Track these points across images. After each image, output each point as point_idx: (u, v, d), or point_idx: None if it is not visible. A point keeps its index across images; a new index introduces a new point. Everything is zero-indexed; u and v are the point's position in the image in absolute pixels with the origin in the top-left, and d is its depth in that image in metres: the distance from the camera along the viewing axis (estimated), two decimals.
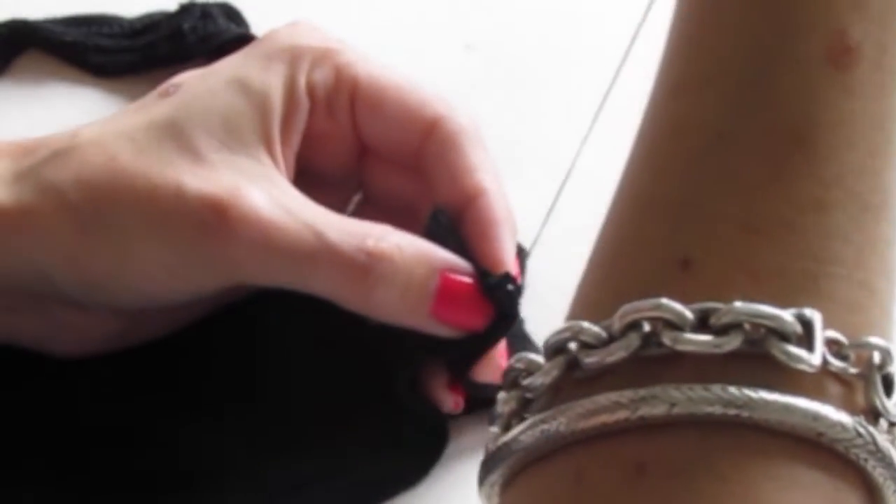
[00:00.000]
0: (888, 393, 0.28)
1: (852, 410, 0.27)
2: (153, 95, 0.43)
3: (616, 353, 0.28)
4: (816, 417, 0.26)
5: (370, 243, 0.40)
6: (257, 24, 0.56)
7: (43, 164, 0.41)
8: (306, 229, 0.40)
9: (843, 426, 0.27)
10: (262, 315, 0.45)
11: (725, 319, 0.27)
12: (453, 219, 0.42)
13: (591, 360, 0.28)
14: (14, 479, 0.43)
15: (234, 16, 0.56)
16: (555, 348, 0.29)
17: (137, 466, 0.43)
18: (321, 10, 0.57)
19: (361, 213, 0.45)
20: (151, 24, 0.56)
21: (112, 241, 0.41)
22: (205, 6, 0.55)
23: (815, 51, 0.28)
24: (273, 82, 0.42)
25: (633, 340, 0.27)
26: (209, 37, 0.54)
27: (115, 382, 0.44)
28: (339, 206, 0.44)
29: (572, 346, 0.28)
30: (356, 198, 0.46)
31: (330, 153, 0.44)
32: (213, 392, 0.44)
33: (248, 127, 0.41)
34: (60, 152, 0.41)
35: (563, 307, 0.47)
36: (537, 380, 0.29)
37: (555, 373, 0.29)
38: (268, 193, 0.40)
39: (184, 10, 0.55)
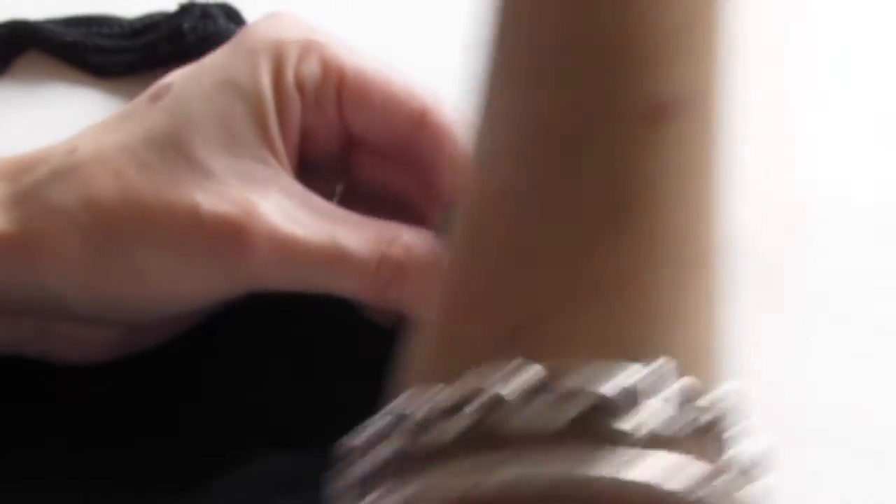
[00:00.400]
0: (730, 445, 0.27)
1: (694, 468, 0.26)
2: (144, 99, 0.43)
3: (447, 431, 0.26)
4: (650, 488, 0.25)
5: (384, 247, 0.41)
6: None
7: (44, 184, 0.41)
8: (321, 239, 0.40)
9: (678, 493, 0.25)
10: (265, 313, 0.45)
11: (556, 391, 0.26)
12: None
13: (422, 437, 0.27)
14: (14, 483, 0.43)
15: (233, 16, 0.56)
16: (388, 423, 0.28)
17: (137, 467, 0.43)
18: (320, 9, 0.57)
19: (347, 202, 0.45)
20: (151, 24, 0.56)
21: (127, 262, 0.41)
22: (205, 6, 0.55)
23: (631, 108, 0.28)
24: (262, 80, 0.42)
25: (463, 419, 0.26)
26: (209, 37, 0.54)
27: (115, 388, 0.44)
28: (324, 195, 0.44)
29: (406, 418, 0.27)
30: (339, 188, 0.46)
31: (317, 145, 0.44)
32: (213, 394, 0.44)
33: (247, 129, 0.41)
34: (61, 172, 0.41)
35: None
36: (366, 463, 0.28)
37: (384, 452, 0.27)
38: (280, 205, 0.41)
39: (184, 10, 0.55)
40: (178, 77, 0.43)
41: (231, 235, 0.40)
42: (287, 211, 0.41)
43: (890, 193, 0.53)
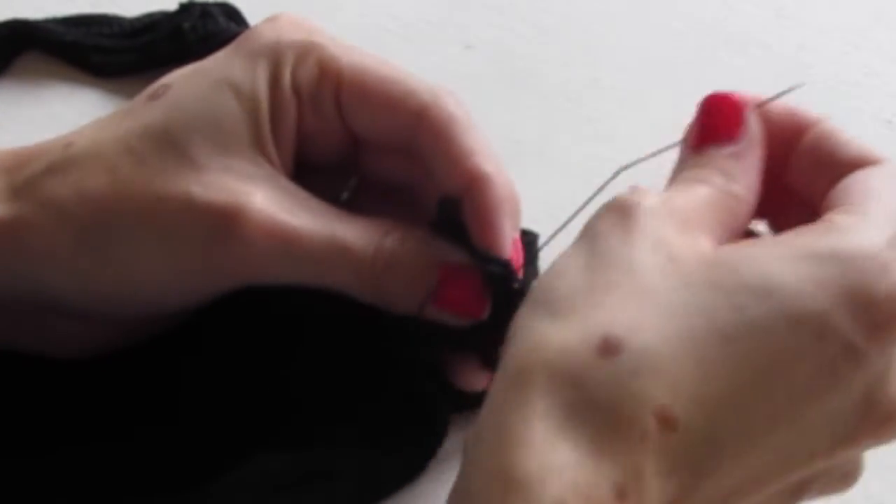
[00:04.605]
0: None
1: None
2: (142, 98, 0.43)
3: None
4: None
5: (377, 240, 0.41)
6: (257, 22, 0.56)
7: (40, 178, 0.41)
8: (318, 229, 0.41)
9: None
10: (259, 310, 0.45)
11: None
12: (459, 207, 0.42)
13: None
14: (11, 477, 0.43)
15: (233, 15, 0.56)
16: None
17: (135, 465, 0.43)
18: (320, 8, 0.57)
19: (359, 196, 0.46)
20: (151, 24, 0.56)
21: (120, 256, 0.41)
22: (205, 6, 0.56)
23: None
24: (259, 82, 0.42)
25: None
26: (209, 36, 0.54)
27: (113, 382, 0.44)
28: (336, 191, 0.45)
29: None
30: (353, 181, 0.46)
31: (322, 146, 0.44)
32: (210, 390, 0.44)
33: (240, 130, 0.41)
34: (57, 166, 0.41)
35: None
36: None
37: None
38: (273, 197, 0.41)
39: (184, 9, 0.55)
40: (176, 77, 0.43)
41: (225, 223, 0.40)
42: (281, 203, 0.41)
43: None
